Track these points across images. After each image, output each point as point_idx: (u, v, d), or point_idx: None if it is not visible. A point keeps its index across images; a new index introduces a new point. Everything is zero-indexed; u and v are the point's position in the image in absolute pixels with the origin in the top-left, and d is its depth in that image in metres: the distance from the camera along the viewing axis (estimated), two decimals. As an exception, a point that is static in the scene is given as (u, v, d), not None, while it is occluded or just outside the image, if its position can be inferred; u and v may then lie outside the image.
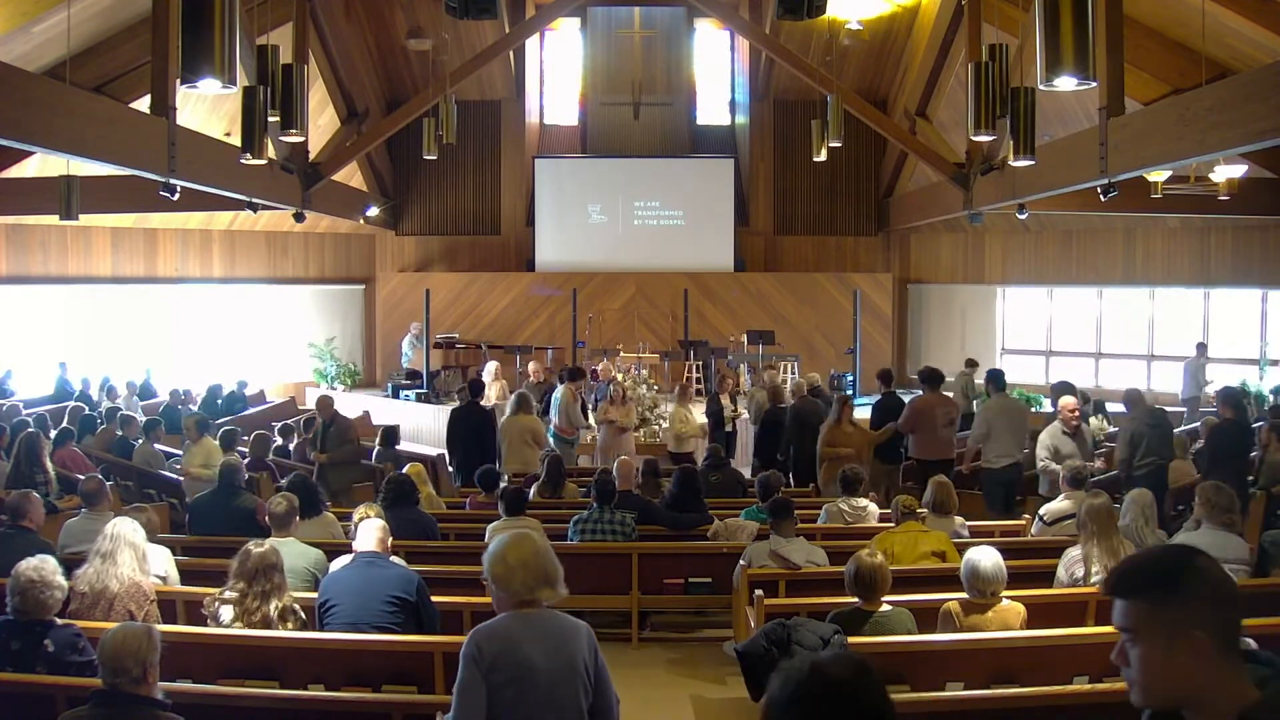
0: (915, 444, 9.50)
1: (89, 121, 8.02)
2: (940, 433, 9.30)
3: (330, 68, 16.22)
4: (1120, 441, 8.62)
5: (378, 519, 5.10)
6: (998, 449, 8.67)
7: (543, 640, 2.99)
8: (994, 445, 8.69)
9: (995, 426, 8.72)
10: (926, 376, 9.65)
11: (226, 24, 5.26)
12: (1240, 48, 10.94)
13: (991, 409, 8.97)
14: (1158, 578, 1.77)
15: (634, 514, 7.21)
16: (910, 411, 9.45)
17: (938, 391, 9.57)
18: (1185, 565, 1.77)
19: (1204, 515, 5.56)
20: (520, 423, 9.95)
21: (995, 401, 9.11)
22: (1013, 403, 9.20)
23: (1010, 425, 8.76)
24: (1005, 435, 8.70)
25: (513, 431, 9.96)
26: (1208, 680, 1.72)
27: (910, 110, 17.05)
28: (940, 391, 9.62)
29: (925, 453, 9.34)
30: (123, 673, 3.34)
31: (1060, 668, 4.62)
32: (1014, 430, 8.75)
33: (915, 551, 5.99)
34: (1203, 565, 1.77)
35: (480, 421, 10.31)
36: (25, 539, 5.54)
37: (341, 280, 20.12)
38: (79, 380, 14.82)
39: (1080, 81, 5.61)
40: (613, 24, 19.65)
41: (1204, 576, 1.75)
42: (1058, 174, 10.45)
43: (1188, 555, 1.80)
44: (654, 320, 18.86)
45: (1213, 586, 1.74)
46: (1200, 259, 16.67)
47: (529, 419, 10.04)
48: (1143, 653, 1.76)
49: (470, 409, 10.52)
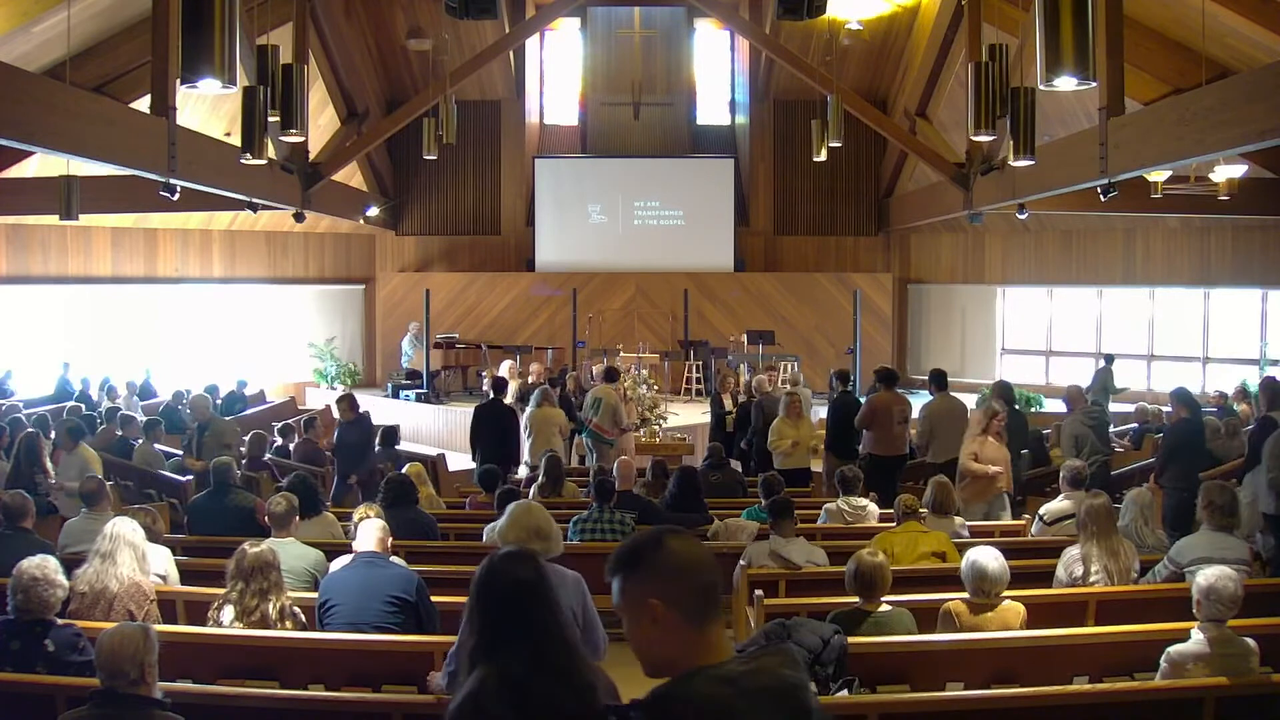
0: (871, 440, 9.79)
1: (89, 121, 8.02)
2: (895, 429, 9.64)
3: (330, 68, 16.22)
4: (1064, 443, 8.89)
5: (378, 519, 5.10)
6: (939, 446, 9.06)
7: None
8: (938, 444, 9.09)
9: (938, 426, 9.13)
10: (884, 376, 10.03)
11: (226, 24, 5.25)
12: (1240, 48, 10.94)
13: (935, 409, 9.32)
14: (625, 556, 1.98)
15: (634, 514, 7.20)
16: (867, 409, 9.79)
17: (893, 391, 9.89)
18: (647, 543, 1.98)
19: (1205, 517, 5.56)
20: (547, 414, 10.37)
21: (937, 402, 9.44)
22: (954, 403, 9.48)
23: (952, 424, 9.08)
24: (947, 434, 9.05)
25: (540, 423, 10.32)
26: (678, 647, 1.92)
27: (910, 110, 17.05)
28: (895, 391, 9.95)
29: (880, 449, 9.67)
30: (120, 675, 3.34)
31: (1060, 668, 4.62)
32: (956, 430, 8.98)
33: (915, 551, 6.00)
34: (668, 543, 1.97)
35: (503, 418, 10.46)
36: (24, 540, 5.54)
37: (341, 280, 20.12)
38: (79, 380, 14.81)
39: (1080, 81, 5.61)
40: (613, 24, 19.65)
41: (663, 553, 1.94)
42: (1058, 174, 10.45)
43: (656, 535, 2.01)
44: (654, 320, 18.86)
45: (670, 561, 1.93)
46: (1200, 259, 16.67)
47: (554, 411, 10.51)
48: (626, 625, 1.97)
49: (494, 406, 10.66)
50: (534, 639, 2.35)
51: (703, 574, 1.96)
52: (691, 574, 1.95)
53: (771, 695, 1.87)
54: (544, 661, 2.32)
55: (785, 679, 1.91)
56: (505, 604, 2.41)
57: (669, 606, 1.92)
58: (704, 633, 1.93)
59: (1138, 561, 5.59)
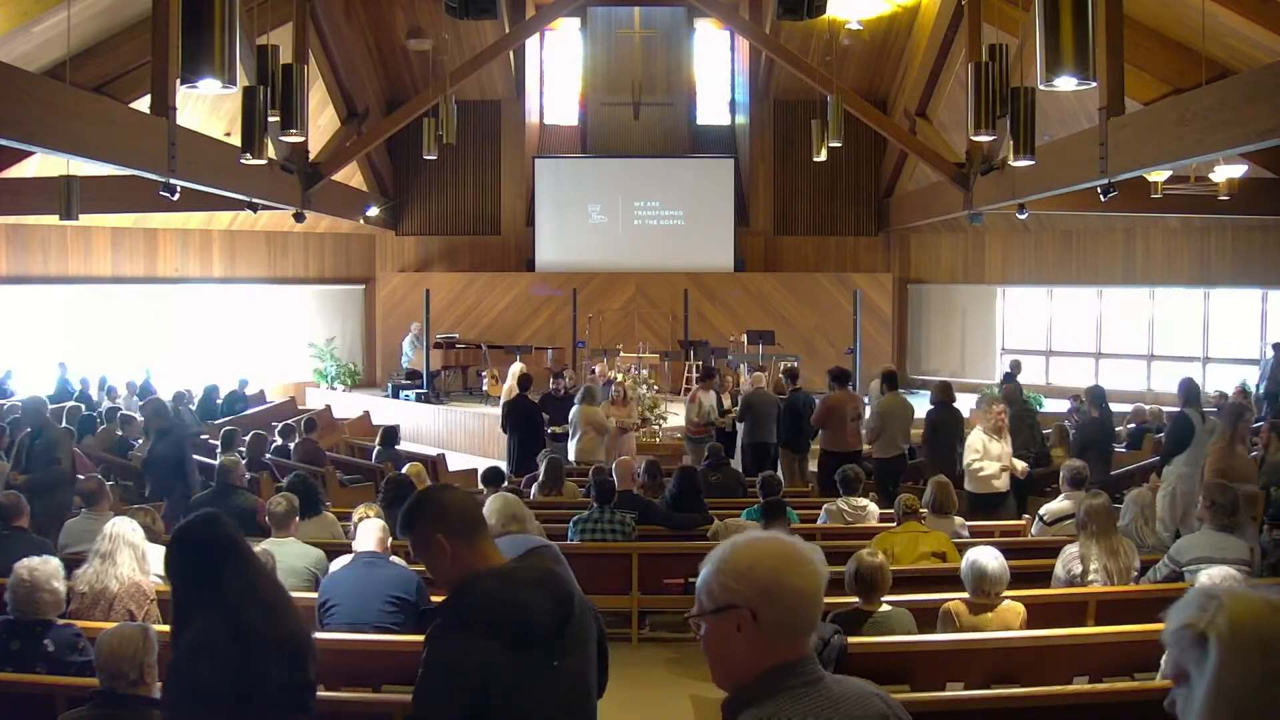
0: (826, 437, 10.24)
1: (89, 121, 8.02)
2: (849, 426, 10.12)
3: (330, 68, 16.22)
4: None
5: (377, 519, 5.10)
6: (887, 442, 9.57)
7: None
8: (884, 439, 9.58)
9: (887, 422, 9.59)
10: (837, 375, 10.52)
11: (226, 24, 5.26)
12: (1240, 48, 10.94)
13: (885, 406, 9.79)
14: (411, 513, 2.56)
15: (634, 514, 7.20)
16: (822, 407, 10.26)
17: (846, 389, 10.43)
18: (422, 500, 2.61)
19: (1207, 516, 5.56)
20: (590, 412, 10.80)
21: (888, 400, 9.91)
22: (902, 401, 10.02)
23: (900, 421, 9.66)
24: (894, 430, 9.59)
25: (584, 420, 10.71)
26: (464, 562, 2.48)
27: (910, 110, 17.05)
28: (848, 389, 10.50)
29: (834, 445, 10.08)
30: (119, 677, 3.34)
31: (1060, 668, 4.62)
32: (902, 426, 9.65)
33: (915, 551, 6.00)
34: (435, 496, 2.63)
35: (530, 413, 11.11)
36: (21, 539, 5.54)
37: (341, 280, 20.12)
38: (79, 380, 14.81)
39: (1080, 81, 5.61)
40: (613, 24, 19.65)
41: (434, 503, 2.57)
42: (1058, 174, 10.45)
43: (425, 492, 2.70)
44: (654, 320, 18.86)
45: (440, 506, 2.54)
46: (1200, 259, 16.67)
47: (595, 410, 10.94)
48: (426, 562, 2.54)
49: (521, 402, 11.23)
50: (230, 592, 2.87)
51: (464, 509, 2.56)
52: (457, 510, 2.53)
53: (538, 582, 2.45)
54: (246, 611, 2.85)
55: (548, 570, 2.51)
56: (198, 564, 2.91)
57: (450, 537, 2.48)
58: (477, 548, 2.51)
59: (1138, 561, 5.60)
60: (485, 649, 2.33)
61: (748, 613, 1.76)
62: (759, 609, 1.76)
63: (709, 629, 1.81)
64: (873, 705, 1.85)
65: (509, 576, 2.45)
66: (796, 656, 1.79)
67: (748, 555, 1.81)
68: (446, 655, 2.37)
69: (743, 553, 1.82)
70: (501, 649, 2.33)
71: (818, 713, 1.75)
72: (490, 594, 2.40)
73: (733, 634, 1.78)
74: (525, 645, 2.37)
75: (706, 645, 1.84)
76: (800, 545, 1.84)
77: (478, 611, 2.38)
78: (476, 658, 2.32)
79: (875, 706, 1.86)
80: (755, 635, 1.77)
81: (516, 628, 2.36)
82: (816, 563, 1.83)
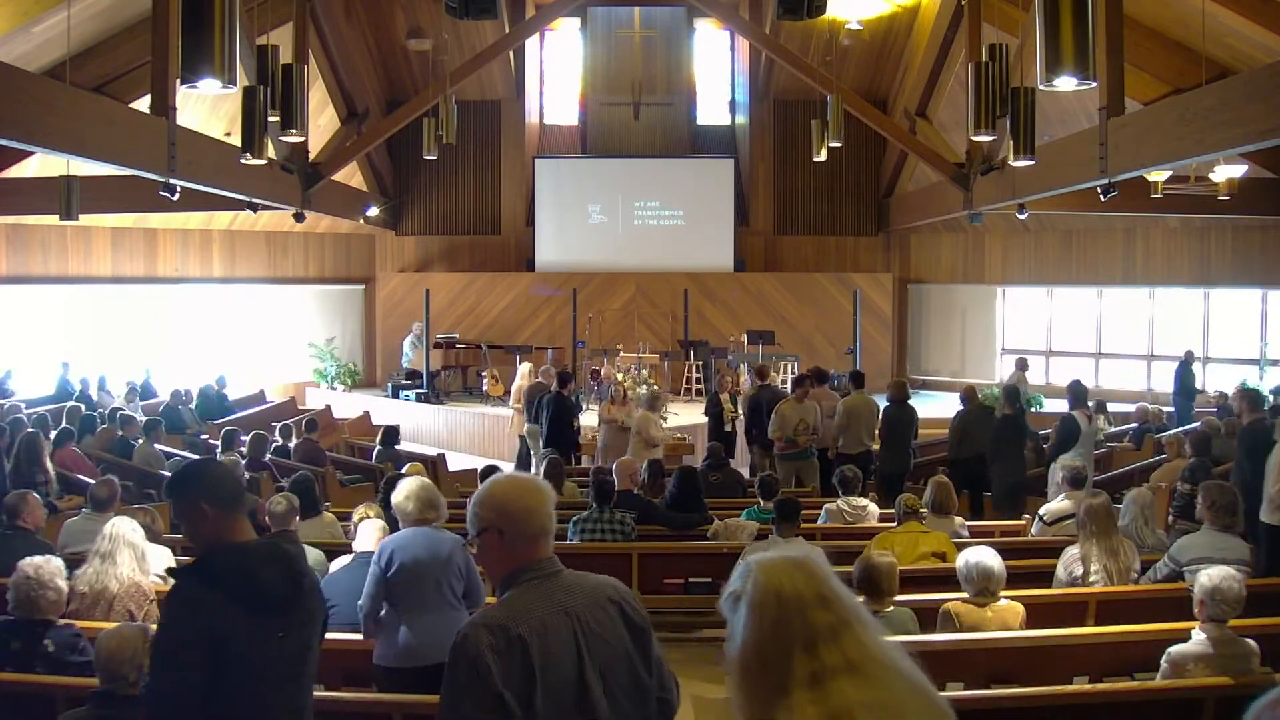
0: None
1: (89, 121, 8.02)
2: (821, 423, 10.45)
3: (330, 68, 16.22)
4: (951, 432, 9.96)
5: (378, 519, 5.10)
6: (851, 438, 10.03)
7: (426, 546, 4.36)
8: (849, 435, 10.04)
9: (852, 420, 10.04)
10: (813, 374, 10.93)
11: (226, 24, 5.26)
12: (1240, 48, 10.94)
13: (851, 405, 10.18)
14: (178, 482, 2.83)
15: (634, 514, 7.20)
16: None
17: (821, 388, 10.83)
18: (193, 470, 2.92)
19: (1206, 517, 5.55)
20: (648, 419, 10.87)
21: (853, 398, 10.29)
22: (867, 399, 10.38)
23: (864, 419, 10.11)
24: (859, 427, 10.06)
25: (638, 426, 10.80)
26: (217, 530, 2.73)
27: (910, 110, 17.05)
28: (824, 388, 10.89)
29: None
30: (119, 678, 3.35)
31: (1060, 668, 4.62)
32: (866, 423, 10.12)
33: (915, 551, 5.99)
34: (203, 469, 2.93)
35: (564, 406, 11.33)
36: (23, 540, 5.53)
37: (341, 280, 20.12)
38: (79, 380, 14.81)
39: (1080, 81, 5.61)
40: (613, 24, 19.64)
41: (202, 476, 2.82)
42: (1058, 174, 10.45)
43: (195, 464, 3.04)
44: (654, 320, 18.86)
45: (208, 479, 2.79)
46: (1200, 259, 16.67)
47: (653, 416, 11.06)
48: (185, 528, 2.79)
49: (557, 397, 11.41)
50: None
51: (232, 482, 2.84)
52: (225, 484, 2.81)
53: (273, 559, 2.75)
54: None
55: (285, 549, 2.82)
56: None
57: (213, 505, 2.73)
58: (234, 520, 2.77)
59: (1138, 561, 5.59)
60: (225, 609, 2.61)
61: (496, 532, 2.36)
62: (504, 527, 2.36)
63: (479, 546, 2.41)
64: (602, 591, 2.40)
65: (254, 551, 2.75)
66: (535, 557, 2.37)
67: (492, 490, 2.42)
68: (188, 608, 2.62)
69: (490, 489, 2.43)
70: (239, 613, 2.62)
71: (549, 595, 2.32)
72: (236, 563, 2.70)
73: (492, 547, 2.38)
74: (259, 613, 2.66)
75: (479, 558, 2.54)
76: (529, 478, 2.50)
77: (223, 576, 2.66)
78: (216, 615, 2.59)
79: (604, 592, 2.40)
80: (502, 546, 2.37)
81: (254, 595, 2.66)
82: (542, 487, 2.46)
